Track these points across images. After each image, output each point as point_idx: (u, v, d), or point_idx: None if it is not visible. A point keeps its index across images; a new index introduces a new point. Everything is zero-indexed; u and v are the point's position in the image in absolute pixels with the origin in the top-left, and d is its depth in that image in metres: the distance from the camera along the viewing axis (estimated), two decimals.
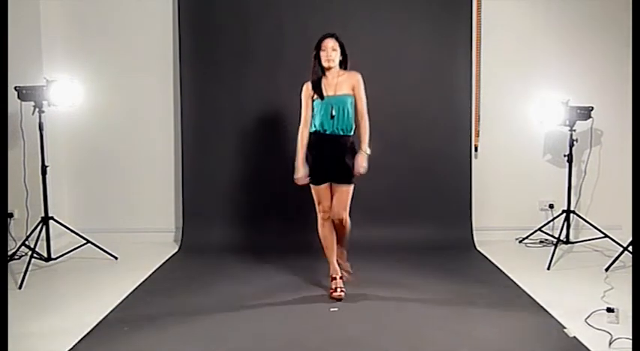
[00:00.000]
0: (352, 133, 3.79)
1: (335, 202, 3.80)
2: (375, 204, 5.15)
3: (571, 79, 5.18)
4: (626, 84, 5.04)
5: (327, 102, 3.72)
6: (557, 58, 5.22)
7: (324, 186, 3.81)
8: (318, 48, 3.74)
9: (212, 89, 5.13)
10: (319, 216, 3.89)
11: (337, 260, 3.95)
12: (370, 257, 4.67)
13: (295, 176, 3.81)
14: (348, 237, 4.00)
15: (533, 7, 5.21)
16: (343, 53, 3.78)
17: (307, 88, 3.80)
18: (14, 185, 4.66)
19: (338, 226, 3.89)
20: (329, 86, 3.76)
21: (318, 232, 3.92)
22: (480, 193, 5.25)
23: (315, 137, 3.80)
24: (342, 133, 3.75)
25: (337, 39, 3.76)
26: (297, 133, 3.85)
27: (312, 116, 3.79)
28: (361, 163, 3.73)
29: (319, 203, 3.86)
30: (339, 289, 3.79)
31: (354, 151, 3.78)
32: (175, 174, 5.32)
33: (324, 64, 3.73)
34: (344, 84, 3.76)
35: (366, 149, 3.74)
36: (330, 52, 3.71)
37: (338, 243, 3.97)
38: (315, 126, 3.77)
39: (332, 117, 3.71)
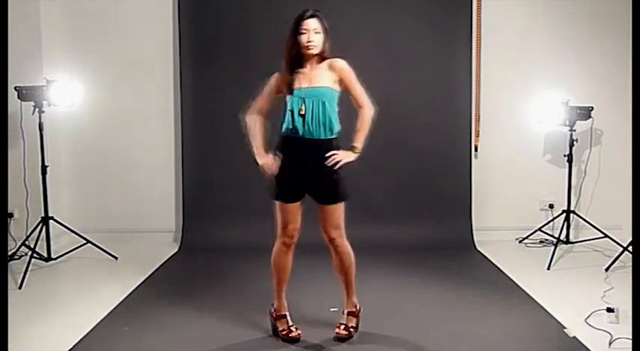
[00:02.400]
0: (335, 135, 3.01)
1: (323, 223, 3.08)
2: (375, 204, 5.15)
3: (571, 79, 5.18)
4: (626, 84, 5.04)
5: (297, 96, 2.95)
6: (558, 58, 5.22)
7: (295, 205, 3.05)
8: (297, 30, 2.95)
9: (212, 89, 5.13)
10: (279, 240, 3.11)
11: (346, 309, 3.21)
12: (369, 257, 4.65)
13: (260, 163, 3.01)
14: (353, 269, 3.16)
15: (533, 7, 5.21)
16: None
17: (276, 78, 3.05)
18: (14, 185, 4.65)
19: (335, 253, 3.13)
20: (304, 78, 2.97)
21: (272, 258, 3.16)
22: (479, 193, 5.25)
23: (284, 142, 3.03)
24: (319, 136, 2.96)
25: (321, 19, 2.97)
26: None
27: (283, 114, 3.03)
28: (338, 158, 2.96)
29: (284, 226, 3.05)
30: (293, 328, 3.16)
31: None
32: (175, 174, 5.32)
33: (304, 51, 2.95)
34: (324, 74, 2.98)
35: (357, 146, 3.00)
36: (312, 35, 2.94)
37: (341, 276, 3.18)
38: (283, 127, 3.02)
39: (300, 115, 2.94)
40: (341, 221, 3.10)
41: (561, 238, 4.79)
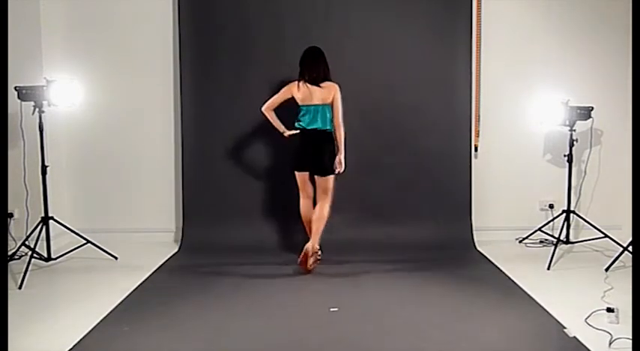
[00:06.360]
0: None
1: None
2: (375, 204, 5.15)
3: (571, 79, 5.18)
4: (626, 84, 5.04)
5: None
6: (558, 57, 5.22)
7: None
8: None
9: (212, 89, 5.13)
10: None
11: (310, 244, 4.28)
12: (370, 257, 4.68)
13: None
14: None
15: (534, 7, 5.21)
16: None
17: None
18: (14, 185, 4.65)
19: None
20: None
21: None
22: (479, 193, 5.25)
23: None
24: None
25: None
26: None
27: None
28: None
29: None
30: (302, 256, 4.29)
31: None
32: (175, 174, 5.32)
33: None
34: None
35: None
36: None
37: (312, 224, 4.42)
38: None
39: None
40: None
41: (561, 238, 4.79)
